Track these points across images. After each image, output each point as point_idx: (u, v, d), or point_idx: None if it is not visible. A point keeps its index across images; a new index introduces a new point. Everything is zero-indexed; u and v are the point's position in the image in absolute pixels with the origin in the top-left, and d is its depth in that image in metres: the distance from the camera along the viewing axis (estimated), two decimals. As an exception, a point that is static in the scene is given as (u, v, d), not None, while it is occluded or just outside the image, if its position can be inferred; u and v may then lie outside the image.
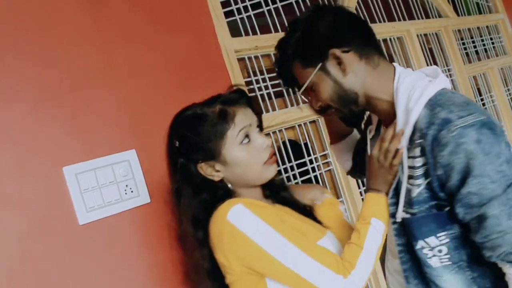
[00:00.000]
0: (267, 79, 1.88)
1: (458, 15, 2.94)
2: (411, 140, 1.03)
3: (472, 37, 2.98)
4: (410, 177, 1.04)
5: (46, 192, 1.23)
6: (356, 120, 1.21)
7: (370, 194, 1.13)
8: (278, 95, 1.93)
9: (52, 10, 1.32)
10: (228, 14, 1.73)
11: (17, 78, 1.25)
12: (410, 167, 1.04)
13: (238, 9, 1.81)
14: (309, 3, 2.06)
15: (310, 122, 2.03)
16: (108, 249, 1.29)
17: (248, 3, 1.83)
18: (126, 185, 1.35)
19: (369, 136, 1.25)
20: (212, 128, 1.09)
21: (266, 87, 1.89)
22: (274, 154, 1.17)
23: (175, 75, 1.51)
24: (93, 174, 1.30)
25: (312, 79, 1.10)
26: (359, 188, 2.05)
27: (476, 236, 0.97)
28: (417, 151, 1.01)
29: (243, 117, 1.12)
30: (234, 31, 1.73)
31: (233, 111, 1.11)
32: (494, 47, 3.10)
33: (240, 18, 1.80)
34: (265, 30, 1.88)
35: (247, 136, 1.12)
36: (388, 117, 1.11)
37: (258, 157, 1.12)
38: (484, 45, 3.04)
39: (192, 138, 1.11)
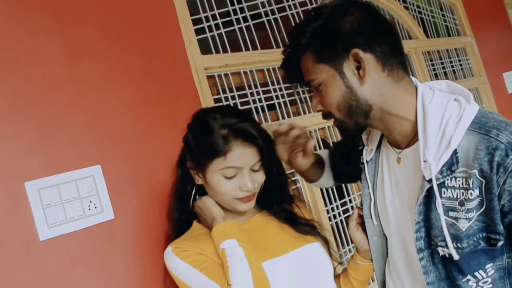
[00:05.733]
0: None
1: (428, 37, 3.02)
2: (451, 170, 0.91)
3: (441, 59, 3.05)
4: (452, 209, 0.92)
5: (6, 207, 1.21)
6: (357, 134, 1.08)
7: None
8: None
9: (18, 26, 1.32)
10: (198, 32, 1.74)
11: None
12: (451, 199, 0.92)
13: (209, 27, 1.82)
14: (280, 22, 2.09)
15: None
16: (69, 266, 1.27)
17: (219, 21, 1.85)
18: (90, 201, 1.33)
19: (366, 158, 1.15)
20: (207, 145, 1.10)
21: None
22: (250, 196, 1.16)
23: (143, 91, 1.51)
24: (56, 190, 1.29)
25: (323, 77, 0.98)
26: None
27: None
28: (466, 182, 0.89)
29: (238, 157, 1.10)
30: (204, 48, 1.74)
31: (232, 145, 1.09)
32: (462, 68, 3.19)
33: (210, 36, 1.81)
34: (235, 45, 1.90)
35: (234, 174, 1.12)
36: (404, 138, 1.02)
37: (231, 192, 1.13)
38: (452, 66, 3.12)
39: (191, 140, 1.17)
